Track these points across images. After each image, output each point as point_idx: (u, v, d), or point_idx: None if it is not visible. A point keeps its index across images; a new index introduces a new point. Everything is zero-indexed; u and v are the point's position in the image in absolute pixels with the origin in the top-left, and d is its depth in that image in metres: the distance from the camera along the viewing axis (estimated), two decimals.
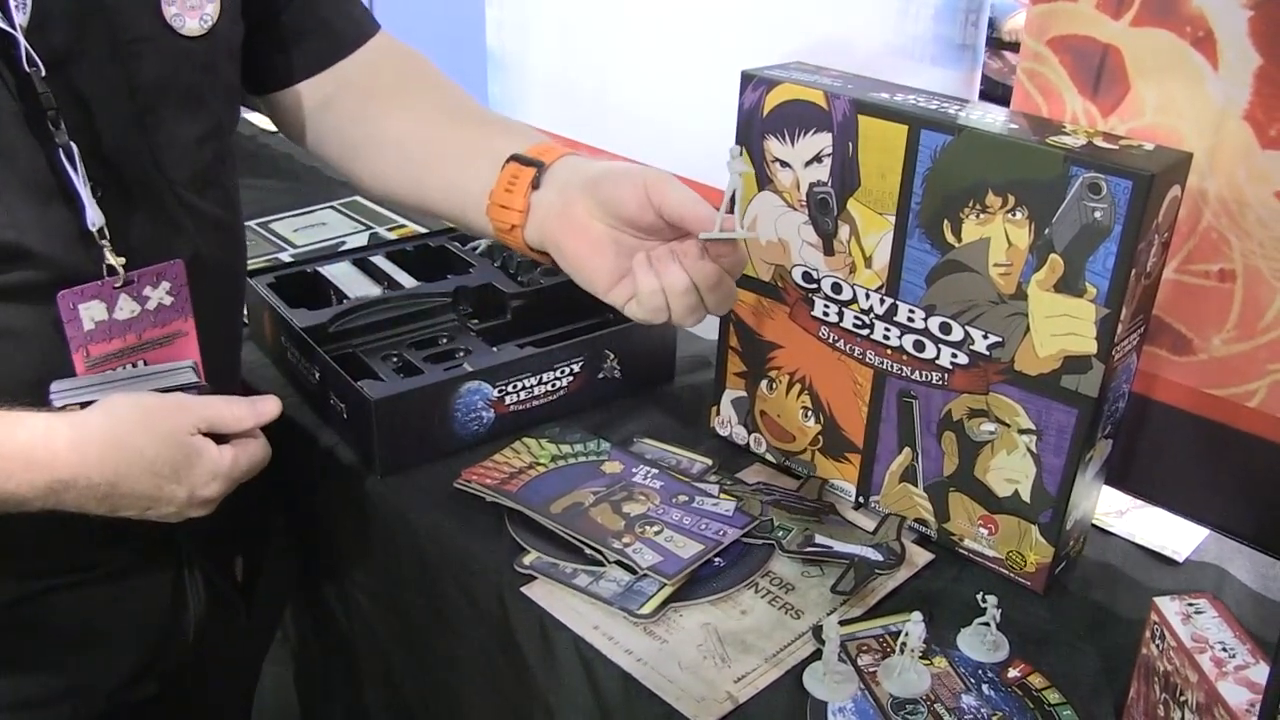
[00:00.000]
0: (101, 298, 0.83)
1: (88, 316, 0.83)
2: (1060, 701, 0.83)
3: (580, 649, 0.87)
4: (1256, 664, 0.71)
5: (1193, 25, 0.87)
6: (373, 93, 1.00)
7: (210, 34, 0.86)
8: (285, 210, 1.76)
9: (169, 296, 0.88)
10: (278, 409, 0.87)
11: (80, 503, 0.77)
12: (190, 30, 0.85)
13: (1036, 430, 0.90)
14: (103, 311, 0.84)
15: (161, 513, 0.81)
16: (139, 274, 0.85)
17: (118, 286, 0.84)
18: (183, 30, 0.84)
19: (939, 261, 0.91)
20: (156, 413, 0.80)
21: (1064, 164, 0.81)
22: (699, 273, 0.79)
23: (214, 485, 0.82)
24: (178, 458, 0.79)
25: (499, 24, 1.60)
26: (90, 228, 0.80)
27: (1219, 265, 0.91)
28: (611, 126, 1.47)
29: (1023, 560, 0.95)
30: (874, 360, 0.99)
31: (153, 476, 0.78)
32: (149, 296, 0.86)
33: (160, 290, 0.87)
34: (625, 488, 1.04)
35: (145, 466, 0.78)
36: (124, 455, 0.77)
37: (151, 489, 0.79)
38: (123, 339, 0.86)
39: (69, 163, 0.78)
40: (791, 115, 0.96)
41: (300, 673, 1.38)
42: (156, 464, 0.78)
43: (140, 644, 0.96)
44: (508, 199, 0.85)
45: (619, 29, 1.42)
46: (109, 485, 0.77)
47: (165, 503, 0.80)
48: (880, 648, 0.87)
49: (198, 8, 0.85)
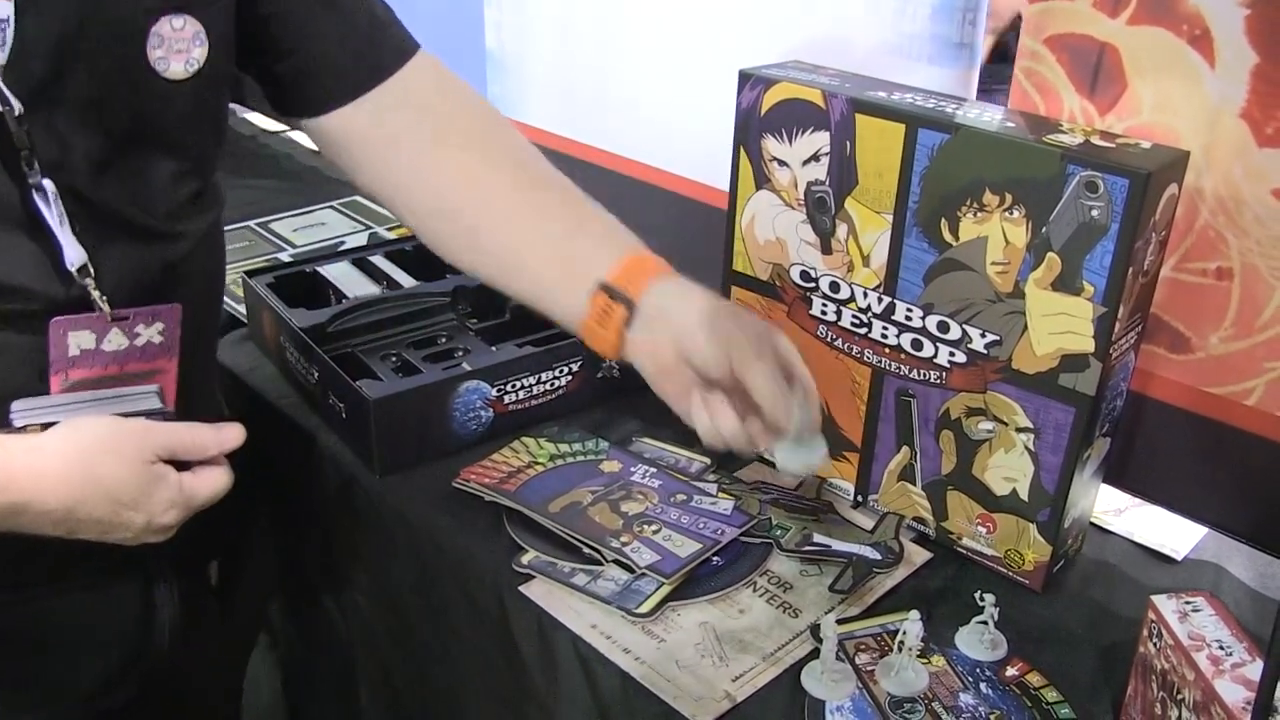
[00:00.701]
0: (93, 329, 0.82)
1: (75, 343, 0.82)
2: (1058, 700, 0.83)
3: (578, 648, 0.87)
4: (1253, 662, 0.71)
5: (1189, 23, 0.87)
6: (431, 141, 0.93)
7: (195, 77, 0.83)
8: (285, 210, 1.76)
9: (160, 336, 0.86)
10: (241, 437, 0.84)
11: (36, 526, 0.75)
12: (174, 74, 0.81)
13: (1034, 429, 0.90)
14: (91, 341, 0.82)
15: (118, 537, 0.79)
16: (135, 312, 0.83)
17: (111, 320, 0.82)
18: (165, 73, 0.81)
19: (936, 260, 0.91)
20: (117, 438, 0.78)
21: (1061, 162, 0.81)
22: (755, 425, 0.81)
23: (172, 513, 0.80)
24: (137, 484, 0.77)
25: (498, 24, 1.60)
26: (70, 267, 0.78)
27: (1216, 263, 0.91)
28: (610, 126, 1.47)
29: (1021, 559, 0.95)
30: (872, 359, 0.99)
31: (111, 503, 0.77)
32: (140, 333, 0.85)
33: (153, 329, 0.85)
34: (623, 487, 1.04)
35: (104, 493, 0.76)
36: (82, 480, 0.75)
37: (109, 515, 0.77)
38: (104, 368, 0.84)
39: (44, 203, 0.76)
40: (789, 114, 0.97)
41: (290, 677, 1.38)
42: (115, 490, 0.77)
43: (112, 653, 0.95)
44: (601, 331, 0.85)
45: (617, 29, 1.42)
46: (65, 510, 0.75)
47: (122, 528, 0.79)
48: (878, 646, 0.87)
49: (184, 52, 0.81)
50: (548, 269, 0.89)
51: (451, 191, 0.93)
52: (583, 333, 0.86)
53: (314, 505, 1.18)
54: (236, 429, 0.84)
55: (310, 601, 1.26)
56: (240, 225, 1.69)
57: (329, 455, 1.12)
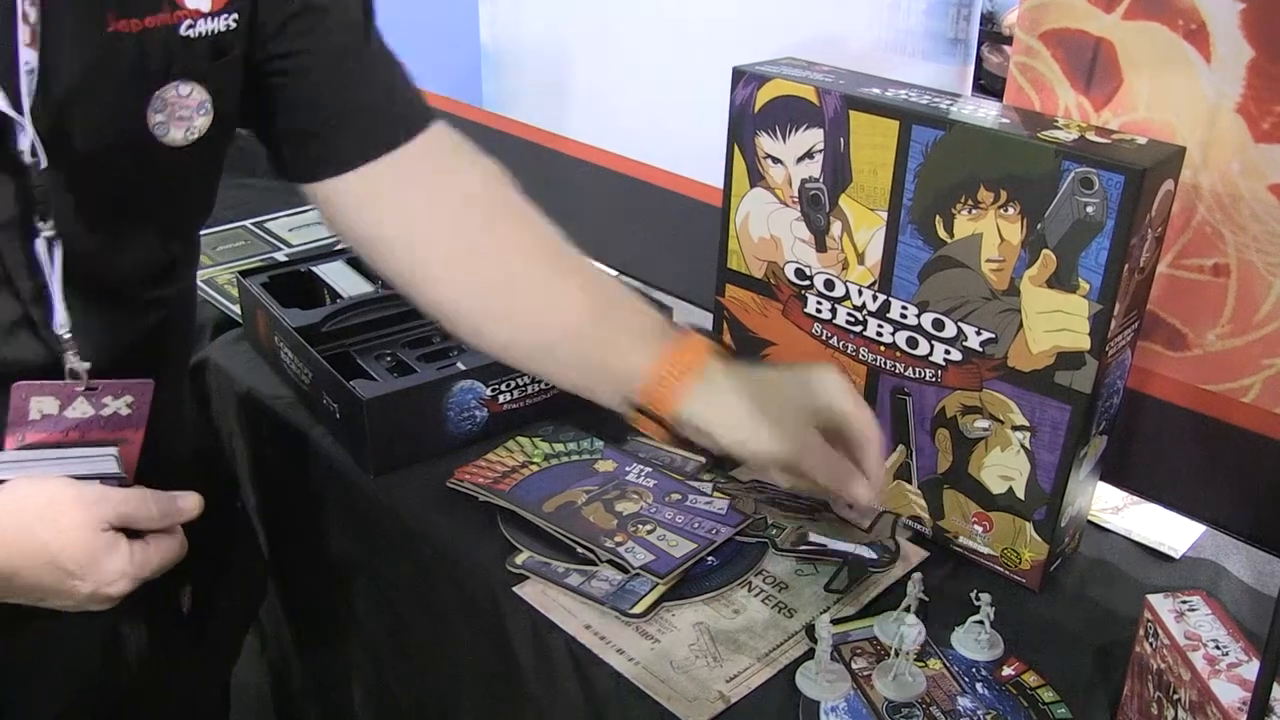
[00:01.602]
0: (58, 396, 0.78)
1: (36, 408, 0.78)
2: (1055, 700, 0.82)
3: (572, 649, 0.87)
4: (1249, 661, 0.71)
5: (1185, 18, 0.87)
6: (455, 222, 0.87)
7: (194, 145, 0.79)
8: (280, 209, 1.75)
9: (128, 409, 0.82)
10: (198, 508, 0.81)
11: None
12: (173, 140, 0.77)
13: (1030, 427, 0.89)
14: (54, 407, 0.79)
15: (57, 604, 0.75)
16: (105, 384, 0.80)
17: (79, 390, 0.79)
18: (164, 139, 0.77)
19: (931, 257, 0.90)
20: (67, 504, 0.74)
21: (1056, 159, 0.81)
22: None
23: (121, 584, 0.76)
24: (85, 553, 0.73)
25: (492, 21, 1.60)
26: (58, 329, 0.76)
27: (1213, 260, 0.91)
28: (605, 123, 1.47)
29: (1018, 557, 0.94)
30: (867, 357, 0.98)
31: (55, 570, 0.73)
32: (107, 405, 0.81)
33: (121, 402, 0.81)
34: (618, 486, 1.03)
35: (48, 559, 0.72)
36: (26, 546, 0.72)
37: (53, 582, 0.73)
38: (64, 433, 0.80)
39: (48, 260, 0.74)
40: (783, 111, 0.96)
41: (282, 679, 1.37)
42: (60, 558, 0.73)
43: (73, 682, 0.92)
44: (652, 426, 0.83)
45: (612, 25, 1.41)
46: (5, 578, 0.72)
47: (65, 596, 0.75)
48: (875, 650, 0.87)
49: (186, 120, 0.78)
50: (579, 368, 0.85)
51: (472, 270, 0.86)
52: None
53: (308, 505, 1.18)
54: (194, 499, 0.81)
55: (303, 602, 1.26)
56: (236, 225, 1.69)
57: (323, 455, 1.12)
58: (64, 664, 0.92)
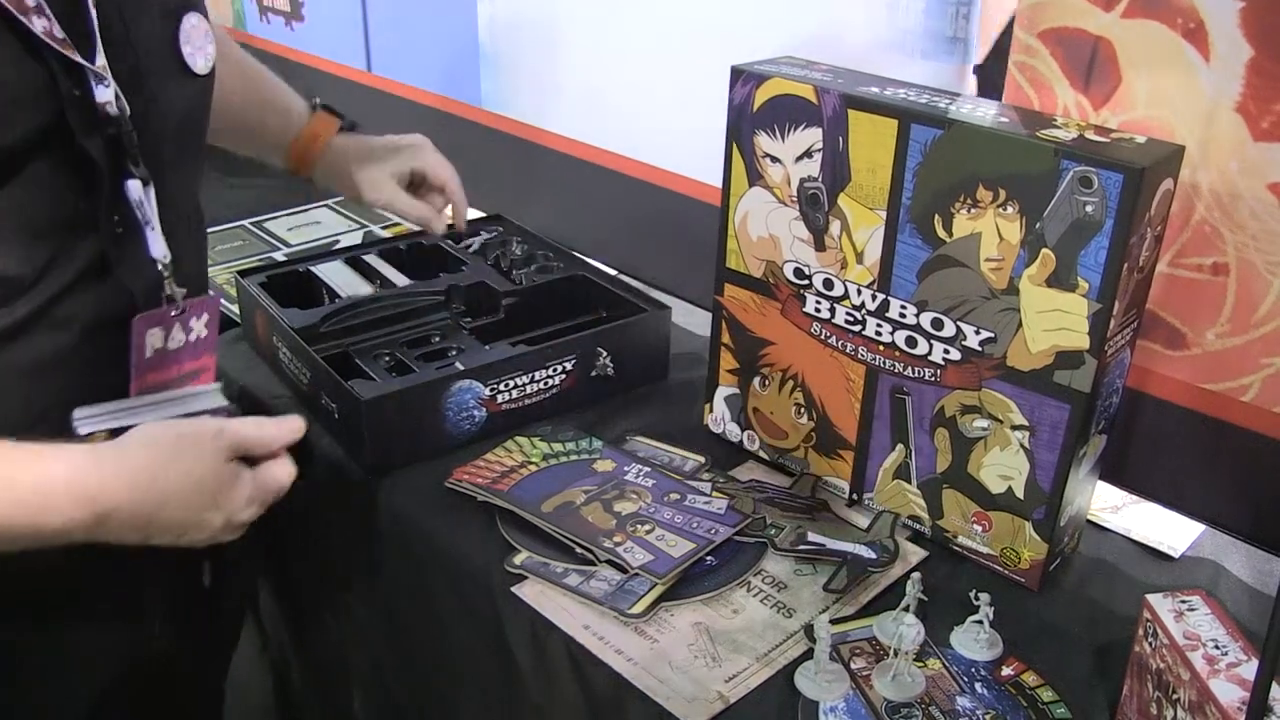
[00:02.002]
0: (164, 325, 0.84)
1: (150, 344, 0.83)
2: (1054, 700, 0.82)
3: (571, 649, 0.87)
4: (1248, 661, 0.71)
5: (1184, 17, 0.86)
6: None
7: (212, 73, 0.88)
8: (279, 209, 1.75)
9: (205, 330, 0.89)
10: (302, 428, 0.85)
11: (119, 533, 0.75)
12: (200, 69, 0.86)
13: (1029, 426, 0.89)
14: (160, 339, 0.84)
15: (194, 539, 0.79)
16: (190, 304, 0.86)
17: (174, 315, 0.85)
18: (195, 69, 0.85)
19: (930, 257, 0.90)
20: (193, 439, 0.78)
21: (1055, 158, 0.81)
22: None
23: (250, 510, 0.81)
24: (216, 484, 0.78)
25: (491, 21, 1.60)
26: (160, 259, 0.82)
27: (1212, 259, 0.91)
28: (603, 122, 1.47)
29: (1017, 557, 0.94)
30: (866, 357, 0.98)
31: (190, 505, 0.77)
32: (192, 328, 0.87)
33: (200, 323, 0.88)
34: (617, 486, 1.03)
35: (183, 498, 0.76)
36: (165, 484, 0.76)
37: (190, 516, 0.77)
38: (166, 371, 0.87)
39: (144, 198, 0.80)
40: (781, 110, 0.96)
41: (282, 679, 1.37)
42: (194, 494, 0.77)
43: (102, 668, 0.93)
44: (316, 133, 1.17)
45: (610, 26, 1.41)
46: (148, 516, 0.75)
47: (201, 529, 0.79)
48: (874, 650, 0.87)
49: (203, 48, 0.86)
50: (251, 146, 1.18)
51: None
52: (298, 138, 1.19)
53: (307, 505, 1.17)
54: (298, 421, 0.85)
55: (302, 601, 1.26)
56: (235, 225, 1.69)
57: (322, 455, 1.11)
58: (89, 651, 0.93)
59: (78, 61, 0.73)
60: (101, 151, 0.77)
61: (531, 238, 1.42)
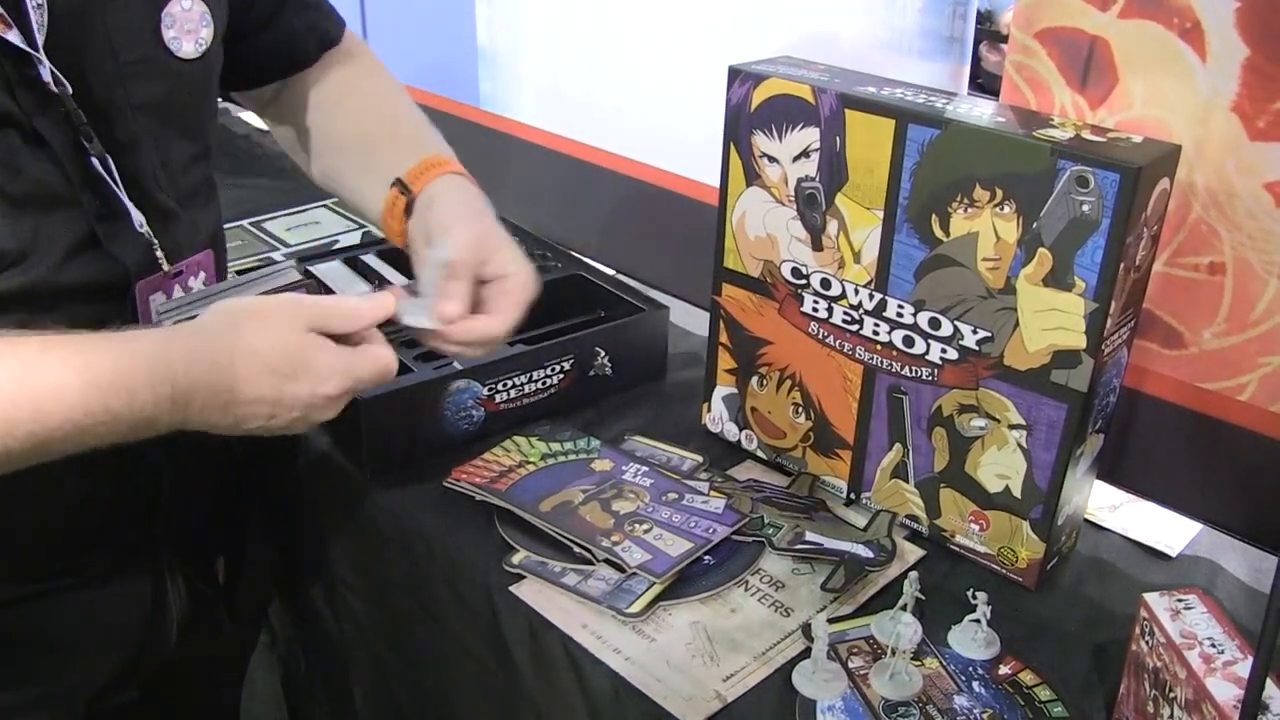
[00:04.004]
0: (163, 289, 0.85)
1: (154, 309, 0.85)
2: (1051, 699, 0.82)
3: (569, 648, 0.87)
4: (1245, 660, 0.71)
5: (1180, 17, 0.87)
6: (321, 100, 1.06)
7: (203, 57, 0.88)
8: (278, 209, 1.75)
9: (204, 285, 0.90)
10: (393, 305, 0.83)
11: (205, 415, 0.75)
12: (186, 53, 0.86)
13: (1026, 425, 0.89)
14: (163, 301, 0.86)
15: (285, 419, 0.78)
16: (185, 265, 0.87)
17: (173, 276, 0.86)
18: (179, 53, 0.86)
19: (927, 256, 0.90)
20: (267, 312, 0.77)
21: (1051, 157, 0.81)
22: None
23: (334, 380, 0.77)
24: (294, 355, 0.76)
25: (489, 22, 1.60)
26: (140, 228, 0.83)
27: (1209, 258, 0.91)
28: (601, 123, 1.47)
29: (1014, 556, 0.94)
30: (864, 356, 0.98)
31: (271, 375, 0.75)
32: (192, 287, 0.88)
33: (199, 281, 0.89)
34: (615, 485, 1.03)
35: (262, 366, 0.75)
36: (240, 358, 0.75)
37: (272, 391, 0.76)
38: None
39: (105, 172, 0.80)
40: (779, 110, 0.96)
41: (288, 677, 1.38)
42: (274, 362, 0.75)
43: (120, 650, 0.95)
44: (390, 221, 0.96)
45: (608, 26, 1.41)
46: (229, 391, 0.74)
47: (288, 406, 0.77)
48: (871, 649, 0.87)
49: (194, 32, 0.86)
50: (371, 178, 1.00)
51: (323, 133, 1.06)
52: (382, 225, 0.98)
53: (306, 505, 1.18)
54: (387, 297, 0.83)
55: (304, 601, 1.26)
56: (234, 225, 1.69)
57: (321, 455, 1.12)
58: (113, 630, 0.95)
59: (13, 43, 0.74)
60: (54, 130, 0.77)
61: (529, 237, 1.42)
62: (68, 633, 0.92)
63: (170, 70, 0.85)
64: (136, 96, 0.84)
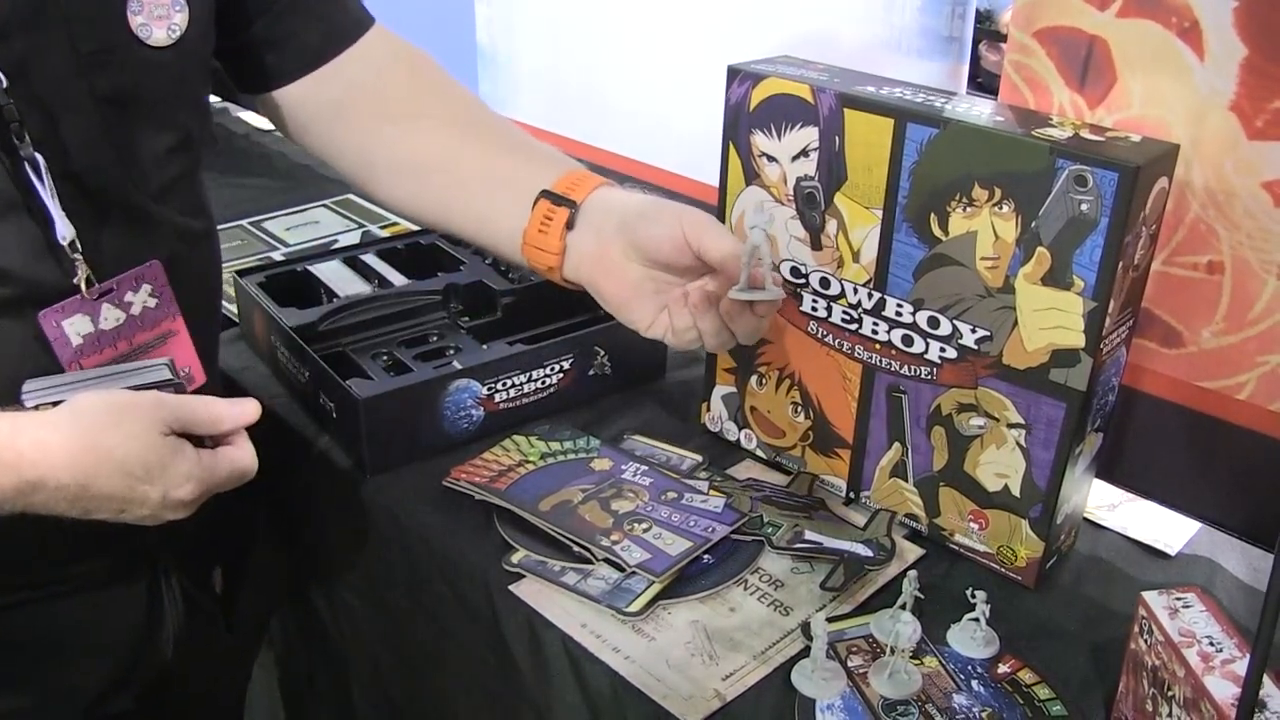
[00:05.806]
0: (84, 311, 0.81)
1: (73, 332, 0.81)
2: (1050, 697, 0.83)
3: (568, 647, 0.87)
4: (1243, 658, 0.71)
5: (1179, 16, 0.87)
6: (386, 104, 0.99)
7: (178, 44, 0.83)
8: (277, 209, 1.75)
9: (152, 299, 0.86)
10: (257, 412, 0.82)
11: (50, 505, 0.73)
12: (157, 40, 0.82)
13: (1025, 424, 0.89)
14: (88, 324, 0.82)
15: (136, 515, 0.77)
16: (118, 281, 0.83)
17: (97, 298, 0.82)
18: (149, 40, 0.81)
19: (926, 255, 0.90)
20: (127, 410, 0.76)
21: (1050, 156, 0.81)
22: (730, 313, 0.85)
23: (188, 486, 0.77)
24: (149, 457, 0.75)
25: (489, 20, 1.60)
26: (60, 241, 0.78)
27: (1207, 257, 0.91)
28: (600, 122, 1.47)
29: (1013, 555, 0.94)
30: (863, 355, 0.98)
31: (124, 476, 0.74)
32: (132, 302, 0.84)
33: (142, 294, 0.85)
34: (614, 485, 1.03)
35: (115, 466, 0.74)
36: (93, 455, 0.73)
37: (123, 489, 0.75)
38: (114, 347, 0.84)
39: (35, 175, 0.76)
40: (778, 109, 0.96)
41: (286, 676, 1.38)
42: (128, 463, 0.74)
43: (114, 658, 0.95)
44: (542, 240, 0.88)
45: (607, 25, 1.41)
46: (79, 486, 0.73)
47: (138, 504, 0.76)
48: (870, 648, 0.87)
49: (165, 17, 0.82)
50: (494, 193, 0.93)
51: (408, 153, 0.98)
52: (526, 252, 0.90)
53: (305, 505, 1.18)
54: (252, 404, 0.82)
55: (303, 601, 1.26)
56: (233, 224, 1.69)
57: (320, 455, 1.12)
58: (108, 636, 0.94)
59: None
60: None
61: None
62: (60, 640, 0.91)
63: (138, 59, 0.81)
64: (100, 88, 0.79)
